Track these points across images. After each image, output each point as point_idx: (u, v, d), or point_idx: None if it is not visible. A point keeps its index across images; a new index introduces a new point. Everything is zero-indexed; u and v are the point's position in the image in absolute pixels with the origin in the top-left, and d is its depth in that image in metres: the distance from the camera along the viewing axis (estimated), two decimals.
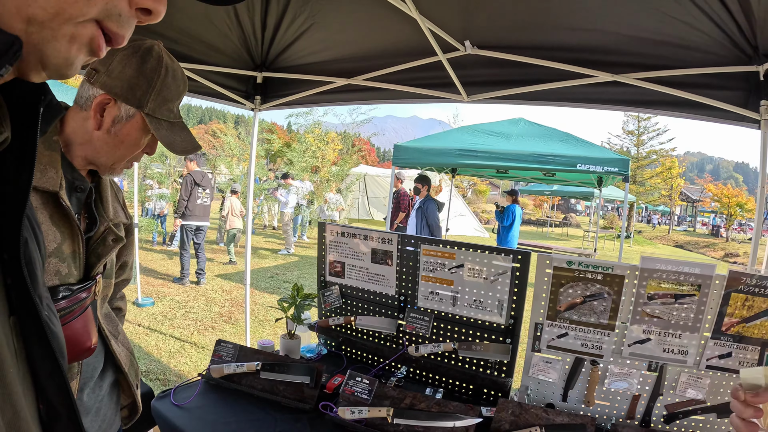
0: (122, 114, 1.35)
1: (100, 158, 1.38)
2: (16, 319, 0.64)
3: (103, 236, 1.44)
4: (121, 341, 1.65)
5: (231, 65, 4.35)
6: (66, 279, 1.31)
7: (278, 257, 13.14)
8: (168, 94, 1.39)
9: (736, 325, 2.04)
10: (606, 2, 2.84)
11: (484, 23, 3.39)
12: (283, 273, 10.82)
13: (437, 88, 4.17)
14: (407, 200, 10.97)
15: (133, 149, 1.40)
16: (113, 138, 1.36)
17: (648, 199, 45.85)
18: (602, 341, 2.22)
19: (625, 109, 3.76)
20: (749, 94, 3.19)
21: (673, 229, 50.15)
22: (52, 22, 0.51)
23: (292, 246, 14.24)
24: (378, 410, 2.11)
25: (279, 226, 18.80)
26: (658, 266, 2.08)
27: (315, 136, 18.31)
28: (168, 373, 5.08)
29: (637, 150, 47.15)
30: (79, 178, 1.39)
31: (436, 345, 2.58)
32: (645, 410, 2.22)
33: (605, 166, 7.81)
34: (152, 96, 1.36)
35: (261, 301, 8.16)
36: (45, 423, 0.70)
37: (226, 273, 10.44)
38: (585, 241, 27.91)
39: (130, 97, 1.34)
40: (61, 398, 0.71)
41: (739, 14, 2.67)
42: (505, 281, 2.42)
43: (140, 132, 1.38)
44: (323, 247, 2.96)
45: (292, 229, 14.82)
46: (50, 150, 1.29)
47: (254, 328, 6.73)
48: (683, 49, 3.12)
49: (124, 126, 1.36)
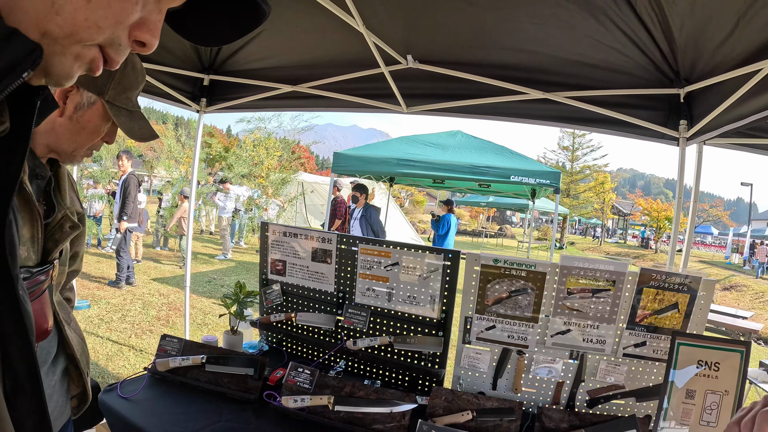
0: (84, 101, 1.41)
1: (62, 145, 1.43)
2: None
3: (60, 223, 1.47)
4: (73, 328, 1.67)
5: (179, 66, 4.35)
6: (25, 262, 1.34)
7: (215, 262, 13.01)
8: (127, 83, 1.45)
9: (648, 316, 2.26)
10: (541, 27, 3.04)
11: (425, 39, 3.55)
12: (220, 278, 10.73)
13: (379, 99, 4.31)
14: (344, 207, 11.08)
15: (93, 136, 1.46)
16: (75, 125, 1.42)
17: (581, 212, 47.26)
18: (527, 333, 2.40)
19: (556, 124, 4.00)
20: (669, 114, 3.48)
21: (604, 241, 51.75)
22: (64, 40, 0.57)
23: (229, 251, 14.11)
24: (320, 398, 2.21)
25: (216, 231, 18.56)
26: (576, 264, 2.28)
27: (256, 141, 18.14)
28: (106, 376, 5.00)
29: (571, 165, 48.57)
30: (39, 166, 1.42)
31: (372, 339, 2.69)
32: (569, 396, 2.41)
33: (537, 178, 8.12)
34: (113, 84, 1.42)
35: (199, 305, 8.10)
36: (9, 396, 0.72)
37: (163, 277, 10.28)
38: (519, 251, 28.50)
39: (92, 84, 1.41)
40: (28, 374, 0.73)
41: (663, 42, 2.92)
42: (437, 278, 2.56)
43: (101, 119, 1.44)
44: (266, 246, 3.04)
45: (230, 235, 14.69)
46: None
47: (192, 332, 6.66)
48: (611, 72, 3.37)
49: (85, 113, 1.42)
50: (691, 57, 3.02)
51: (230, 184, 15.05)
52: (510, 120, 4.13)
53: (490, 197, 21.99)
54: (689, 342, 2.14)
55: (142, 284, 9.32)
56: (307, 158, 51.43)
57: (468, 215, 57.88)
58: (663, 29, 2.80)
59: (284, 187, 17.34)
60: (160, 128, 21.62)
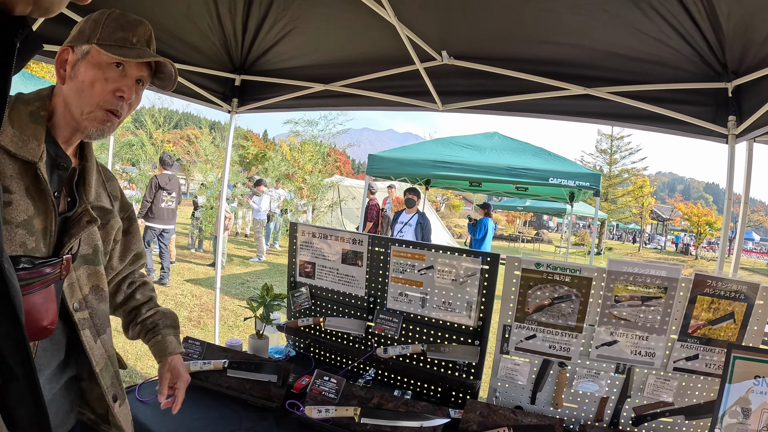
0: (78, 56, 1.36)
1: (73, 111, 1.36)
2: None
3: (79, 216, 1.42)
4: (103, 340, 1.55)
5: (210, 66, 4.32)
6: (32, 253, 1.28)
7: (249, 264, 13.03)
8: (117, 26, 1.38)
9: (702, 327, 2.08)
10: (581, 18, 2.89)
11: (461, 34, 3.43)
12: (253, 280, 10.73)
13: (413, 97, 4.19)
14: (375, 210, 11.04)
15: (97, 88, 1.36)
16: (75, 82, 1.35)
17: (619, 216, 46.49)
18: (570, 343, 2.24)
19: (596, 121, 3.82)
20: (717, 110, 3.27)
21: (643, 246, 50.83)
22: None
23: (263, 254, 14.14)
24: (345, 409, 2.10)
25: (251, 233, 18.67)
26: (625, 269, 2.12)
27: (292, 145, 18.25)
28: (134, 376, 5.00)
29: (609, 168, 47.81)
30: (62, 156, 1.37)
31: (404, 347, 2.58)
32: (613, 412, 2.25)
33: (577, 180, 7.89)
34: (100, 30, 1.36)
35: (231, 307, 8.07)
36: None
37: (196, 278, 10.32)
38: (556, 256, 28.15)
39: (81, 38, 1.36)
40: (18, 358, 0.69)
41: (709, 32, 2.74)
42: (474, 283, 2.43)
43: (97, 66, 1.36)
44: (294, 248, 2.95)
45: (265, 237, 14.73)
46: (35, 123, 1.29)
47: (223, 333, 6.64)
48: (655, 65, 3.19)
49: (80, 65, 1.35)
50: (739, 48, 2.83)
51: (265, 187, 15.09)
52: (549, 117, 3.96)
53: (527, 201, 21.69)
54: (746, 355, 2.00)
55: (175, 285, 9.35)
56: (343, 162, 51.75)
57: (504, 219, 57.44)
58: (709, 18, 2.63)
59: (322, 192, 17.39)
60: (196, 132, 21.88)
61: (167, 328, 1.81)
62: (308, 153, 17.69)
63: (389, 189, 13.18)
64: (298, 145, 18.22)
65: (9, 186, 1.21)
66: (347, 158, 75.96)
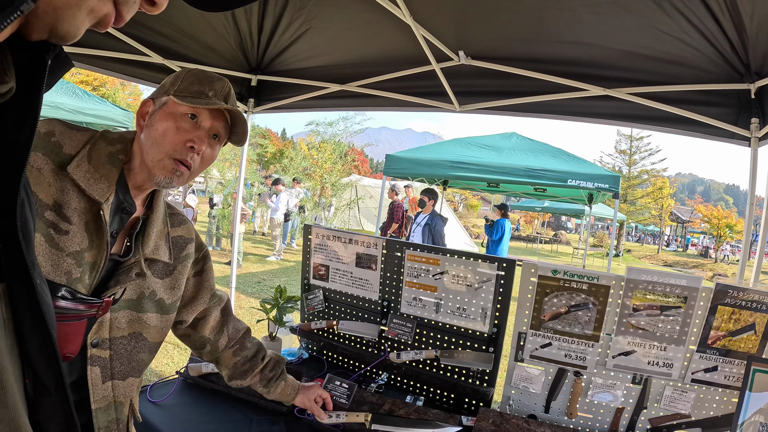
0: (156, 107, 1.39)
1: (146, 159, 1.37)
2: (5, 287, 0.62)
3: (130, 266, 1.42)
4: (116, 385, 1.48)
5: (226, 66, 4.34)
6: (73, 284, 1.27)
7: (267, 263, 13.07)
8: (195, 80, 1.41)
9: (722, 338, 2.03)
10: (600, 17, 2.84)
11: (478, 34, 3.40)
12: (270, 279, 10.75)
13: (430, 97, 4.18)
14: (401, 211, 10.98)
15: (169, 137, 1.37)
16: (150, 131, 1.37)
17: (638, 218, 46.04)
18: (586, 352, 2.20)
19: (616, 123, 3.78)
20: (740, 112, 3.21)
21: (662, 249, 50.34)
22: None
23: (280, 252, 14.18)
24: (356, 415, 2.08)
25: (269, 232, 18.75)
26: (644, 277, 2.07)
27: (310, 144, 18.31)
28: (148, 373, 5.01)
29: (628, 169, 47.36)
30: (128, 201, 1.38)
31: (417, 352, 2.55)
32: (629, 424, 2.20)
33: (596, 182, 7.82)
34: (179, 83, 1.39)
35: (246, 306, 8.09)
36: (31, 398, 0.67)
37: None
38: (574, 258, 27.97)
39: (161, 91, 1.41)
40: (50, 372, 0.69)
41: (732, 32, 2.69)
42: (489, 289, 2.39)
43: (171, 116, 1.38)
44: (308, 250, 2.93)
45: (282, 236, 14.77)
46: (111, 164, 1.32)
47: None
48: (676, 66, 3.13)
49: (156, 114, 1.38)
50: (762, 48, 2.76)
51: (282, 186, 15.13)
52: (568, 118, 3.92)
53: (545, 202, 21.58)
54: (766, 368, 1.94)
55: None
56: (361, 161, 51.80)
57: (522, 220, 57.16)
58: (732, 17, 2.57)
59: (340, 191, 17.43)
60: None
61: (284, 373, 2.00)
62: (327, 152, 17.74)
63: (406, 189, 13.15)
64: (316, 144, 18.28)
65: (70, 217, 1.23)
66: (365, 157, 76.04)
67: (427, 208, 8.49)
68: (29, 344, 0.66)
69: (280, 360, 1.97)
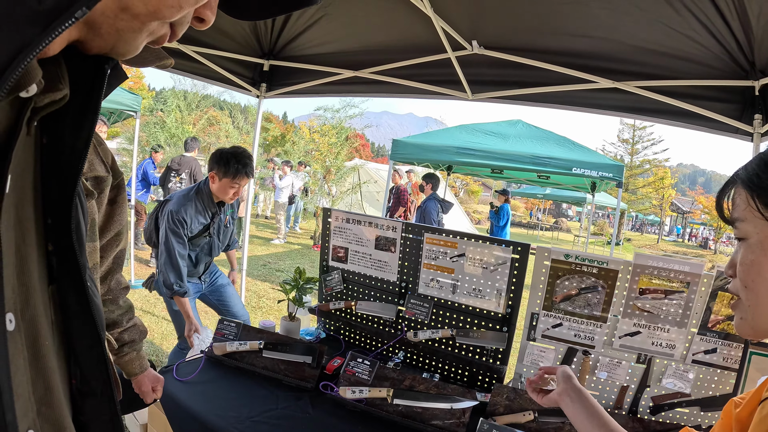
0: None
1: None
2: (56, 289, 0.63)
3: None
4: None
5: (239, 51, 4.40)
6: None
7: (271, 246, 13.15)
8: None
9: (721, 322, 2.14)
10: (612, 12, 2.92)
11: (491, 24, 3.47)
12: (275, 262, 10.83)
13: (443, 85, 4.25)
14: (407, 195, 11.07)
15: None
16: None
17: (639, 207, 45.95)
18: (594, 332, 2.31)
19: (623, 115, 3.87)
20: (744, 108, 3.30)
21: (662, 238, 50.32)
22: (146, 17, 0.54)
23: (284, 236, 14.25)
24: (378, 390, 2.18)
25: (272, 215, 18.78)
26: (651, 263, 2.18)
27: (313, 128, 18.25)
28: (160, 355, 5.10)
29: (630, 158, 47.20)
30: None
31: (434, 331, 2.66)
32: (632, 401, 2.31)
33: (600, 171, 7.87)
34: None
35: (253, 288, 8.18)
36: (76, 399, 0.69)
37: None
38: (575, 245, 27.94)
39: None
40: (97, 373, 0.69)
41: (739, 31, 2.77)
42: (504, 271, 2.50)
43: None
44: (327, 232, 3.03)
45: (285, 219, 14.83)
46: None
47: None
48: (683, 61, 3.21)
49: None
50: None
51: (288, 168, 15.17)
52: (577, 109, 4.01)
53: (547, 189, 21.58)
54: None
55: None
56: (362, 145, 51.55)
57: (523, 207, 57.01)
58: (739, 16, 2.66)
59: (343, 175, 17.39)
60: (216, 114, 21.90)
61: (139, 345, 1.83)
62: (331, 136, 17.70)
63: (408, 174, 13.19)
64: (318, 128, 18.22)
65: None
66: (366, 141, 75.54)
67: (426, 192, 8.64)
68: (78, 345, 0.67)
69: (143, 331, 1.81)
